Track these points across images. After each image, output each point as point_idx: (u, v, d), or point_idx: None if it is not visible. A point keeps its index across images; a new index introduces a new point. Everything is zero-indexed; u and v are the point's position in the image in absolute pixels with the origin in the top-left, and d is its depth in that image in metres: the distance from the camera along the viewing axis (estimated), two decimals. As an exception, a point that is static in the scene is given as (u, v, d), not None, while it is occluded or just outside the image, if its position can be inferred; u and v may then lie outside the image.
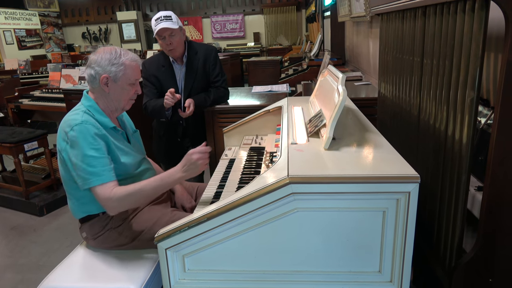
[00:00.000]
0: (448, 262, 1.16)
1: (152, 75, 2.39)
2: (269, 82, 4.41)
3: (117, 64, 1.48)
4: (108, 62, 1.47)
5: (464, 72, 1.03)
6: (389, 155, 1.14)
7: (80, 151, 1.40)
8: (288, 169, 1.05)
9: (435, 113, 1.23)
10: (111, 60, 1.48)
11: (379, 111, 1.98)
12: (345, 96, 1.19)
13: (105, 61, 1.47)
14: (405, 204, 1.00)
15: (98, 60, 1.48)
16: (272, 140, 1.95)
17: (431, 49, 1.23)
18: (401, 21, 1.51)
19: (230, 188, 1.53)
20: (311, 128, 1.41)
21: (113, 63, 1.48)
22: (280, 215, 1.05)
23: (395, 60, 1.64)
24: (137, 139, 1.75)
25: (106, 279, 1.42)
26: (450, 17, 1.08)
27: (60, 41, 12.04)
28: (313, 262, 1.10)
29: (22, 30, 10.55)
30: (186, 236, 1.09)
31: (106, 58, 1.48)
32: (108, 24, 11.98)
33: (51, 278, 1.46)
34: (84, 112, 1.48)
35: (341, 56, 4.73)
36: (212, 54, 2.45)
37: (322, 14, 6.51)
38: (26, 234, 2.98)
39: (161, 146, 2.58)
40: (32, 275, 2.44)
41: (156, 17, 2.25)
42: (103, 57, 1.48)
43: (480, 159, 1.22)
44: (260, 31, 11.40)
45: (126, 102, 1.58)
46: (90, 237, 1.58)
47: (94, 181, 1.39)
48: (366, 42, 3.38)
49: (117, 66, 1.48)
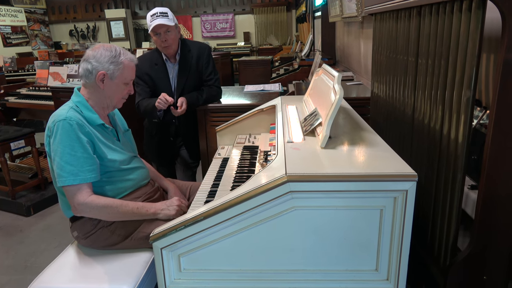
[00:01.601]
0: (443, 260, 1.17)
1: (145, 73, 2.36)
2: (260, 81, 4.40)
3: (116, 63, 1.49)
4: (108, 59, 1.48)
5: (460, 72, 1.03)
6: (386, 154, 1.15)
7: (60, 148, 1.40)
8: (286, 167, 1.05)
9: (430, 112, 1.23)
10: (110, 58, 1.48)
11: (372, 111, 1.99)
12: (341, 94, 1.19)
13: (104, 57, 1.47)
14: (403, 202, 1.00)
15: (97, 56, 1.47)
16: (266, 139, 1.94)
17: (426, 48, 1.24)
18: (395, 21, 1.52)
19: (225, 187, 1.52)
20: (306, 127, 1.40)
21: (113, 61, 1.49)
22: (278, 214, 1.04)
23: (388, 60, 1.64)
24: (128, 138, 1.74)
25: (98, 280, 1.39)
26: (446, 16, 1.09)
27: (47, 38, 11.84)
28: (310, 260, 1.10)
29: (8, 26, 10.33)
30: (182, 235, 1.08)
31: (106, 55, 1.48)
32: (96, 22, 11.82)
33: (42, 279, 1.42)
34: (70, 107, 1.47)
35: (331, 56, 4.75)
36: (205, 53, 2.44)
37: (313, 15, 6.53)
38: (13, 235, 2.92)
39: (153, 145, 2.55)
40: (19, 276, 2.38)
41: (152, 13, 2.22)
42: (103, 53, 1.48)
43: (473, 158, 1.24)
44: (250, 31, 11.40)
45: (118, 100, 1.59)
46: (81, 236, 1.55)
47: (69, 180, 1.39)
48: (357, 42, 3.40)
49: (116, 64, 1.49)
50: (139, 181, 1.64)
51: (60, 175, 1.40)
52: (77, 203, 1.42)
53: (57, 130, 1.41)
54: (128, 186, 1.59)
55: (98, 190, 1.49)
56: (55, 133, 1.41)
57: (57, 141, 1.40)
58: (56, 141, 1.41)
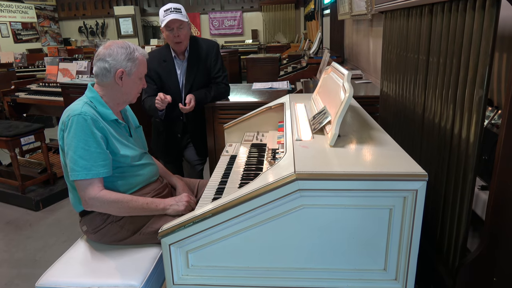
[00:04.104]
0: (452, 261, 1.16)
1: (153, 70, 2.37)
2: (267, 79, 4.40)
3: (132, 59, 1.51)
4: (124, 57, 1.49)
5: (472, 70, 1.02)
6: (396, 153, 1.14)
7: (74, 142, 1.41)
8: (295, 165, 1.04)
9: (441, 111, 1.22)
10: (127, 55, 1.50)
11: (381, 109, 1.98)
12: (351, 93, 1.18)
13: (121, 55, 1.49)
14: (412, 202, 1.00)
15: (113, 54, 1.49)
16: (274, 136, 1.94)
17: (438, 47, 1.22)
18: (406, 18, 1.51)
19: (232, 184, 1.53)
20: (315, 125, 1.40)
21: (129, 58, 1.51)
22: (286, 212, 1.04)
23: (399, 58, 1.63)
24: (139, 134, 1.75)
25: (107, 274, 1.41)
26: (459, 14, 1.08)
27: (56, 35, 11.92)
28: (318, 259, 1.09)
29: (18, 23, 10.42)
30: (190, 231, 1.08)
31: (122, 52, 1.49)
32: (105, 18, 11.88)
33: (51, 272, 1.44)
34: (85, 103, 1.48)
35: (340, 55, 4.73)
36: (213, 50, 2.44)
37: (322, 12, 6.50)
38: (22, 229, 2.95)
39: (160, 141, 2.56)
40: (28, 270, 2.41)
41: (166, 8, 2.23)
42: (119, 51, 1.49)
43: (484, 158, 1.22)
44: (258, 28, 11.38)
45: (134, 96, 1.61)
46: (90, 230, 1.56)
47: (81, 174, 1.41)
48: (366, 40, 3.38)
49: (133, 61, 1.52)
50: (149, 177, 1.65)
51: (73, 169, 1.41)
52: (88, 197, 1.43)
53: (71, 124, 1.42)
54: (139, 182, 1.60)
55: (110, 185, 1.50)
56: (70, 127, 1.42)
57: (71, 135, 1.41)
58: (70, 135, 1.42)
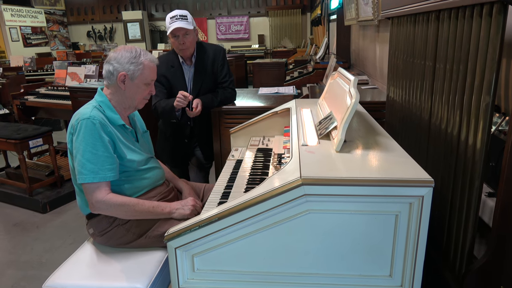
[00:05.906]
0: (459, 268, 1.16)
1: (162, 75, 2.39)
2: (274, 84, 4.42)
3: (136, 63, 1.52)
4: (127, 60, 1.51)
5: (479, 77, 1.02)
6: (402, 159, 1.14)
7: (82, 145, 1.43)
8: (301, 170, 1.05)
9: (448, 117, 1.22)
10: (130, 58, 1.51)
11: (388, 115, 1.97)
12: (357, 98, 1.19)
13: (124, 59, 1.51)
14: (418, 208, 0.99)
15: (118, 57, 1.51)
16: (280, 141, 1.94)
17: (445, 53, 1.23)
18: (413, 25, 1.51)
19: (238, 188, 1.53)
20: (321, 130, 1.40)
21: (132, 62, 1.51)
22: (292, 217, 1.04)
23: (405, 64, 1.63)
24: (146, 139, 1.77)
25: (113, 277, 1.42)
26: (466, 21, 1.08)
27: (65, 39, 12.07)
28: (323, 264, 1.09)
29: (28, 27, 10.58)
30: (196, 235, 1.09)
31: (126, 56, 1.51)
32: (114, 23, 12.01)
33: (57, 275, 1.45)
34: (94, 107, 1.50)
35: (346, 60, 4.73)
36: (220, 55, 2.45)
37: (328, 18, 6.51)
38: (29, 231, 2.98)
39: (167, 146, 2.58)
40: (35, 272, 2.43)
41: (172, 15, 2.25)
42: (123, 55, 1.51)
43: (491, 165, 1.22)
44: (264, 33, 11.42)
45: (139, 101, 1.61)
46: (97, 233, 1.58)
47: (89, 177, 1.43)
48: (372, 46, 3.38)
49: (136, 65, 1.52)
50: (155, 181, 1.67)
51: (80, 172, 1.43)
52: (95, 201, 1.45)
53: (80, 128, 1.44)
54: (145, 185, 1.61)
55: (116, 189, 1.52)
56: (79, 131, 1.44)
57: (80, 139, 1.43)
58: (79, 139, 1.44)
